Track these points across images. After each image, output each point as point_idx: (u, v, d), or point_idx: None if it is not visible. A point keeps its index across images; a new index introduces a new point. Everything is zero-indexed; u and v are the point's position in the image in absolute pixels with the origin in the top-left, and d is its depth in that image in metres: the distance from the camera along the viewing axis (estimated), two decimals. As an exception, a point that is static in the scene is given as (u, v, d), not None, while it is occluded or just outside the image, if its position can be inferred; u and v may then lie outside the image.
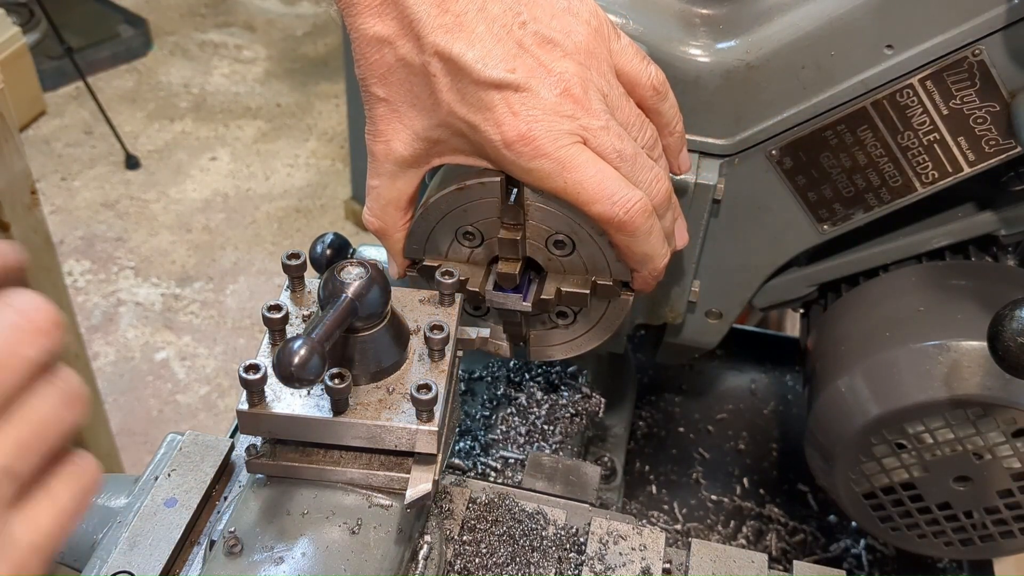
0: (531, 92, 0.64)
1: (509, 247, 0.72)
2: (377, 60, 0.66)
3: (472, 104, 0.64)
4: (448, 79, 0.64)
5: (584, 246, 0.72)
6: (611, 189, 0.65)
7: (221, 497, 0.75)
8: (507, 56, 0.64)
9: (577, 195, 0.66)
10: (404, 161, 0.70)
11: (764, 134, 0.78)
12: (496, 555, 0.71)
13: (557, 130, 0.64)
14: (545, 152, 0.64)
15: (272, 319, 0.64)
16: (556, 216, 0.70)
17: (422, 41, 0.64)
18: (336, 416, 0.62)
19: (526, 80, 0.64)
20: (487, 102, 0.64)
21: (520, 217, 0.71)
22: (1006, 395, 0.73)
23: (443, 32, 0.63)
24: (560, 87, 0.64)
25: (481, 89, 0.64)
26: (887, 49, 0.73)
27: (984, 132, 0.75)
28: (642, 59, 0.70)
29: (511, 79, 0.63)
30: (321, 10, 4.33)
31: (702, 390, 1.21)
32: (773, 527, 1.06)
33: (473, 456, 0.91)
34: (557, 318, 0.78)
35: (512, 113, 0.64)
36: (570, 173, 0.65)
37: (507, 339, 0.80)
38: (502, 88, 0.63)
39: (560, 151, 0.64)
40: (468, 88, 0.64)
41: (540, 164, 0.65)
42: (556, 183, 0.65)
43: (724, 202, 0.80)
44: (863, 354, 0.80)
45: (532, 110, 0.64)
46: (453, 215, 0.72)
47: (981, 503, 0.80)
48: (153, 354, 2.78)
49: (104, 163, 3.44)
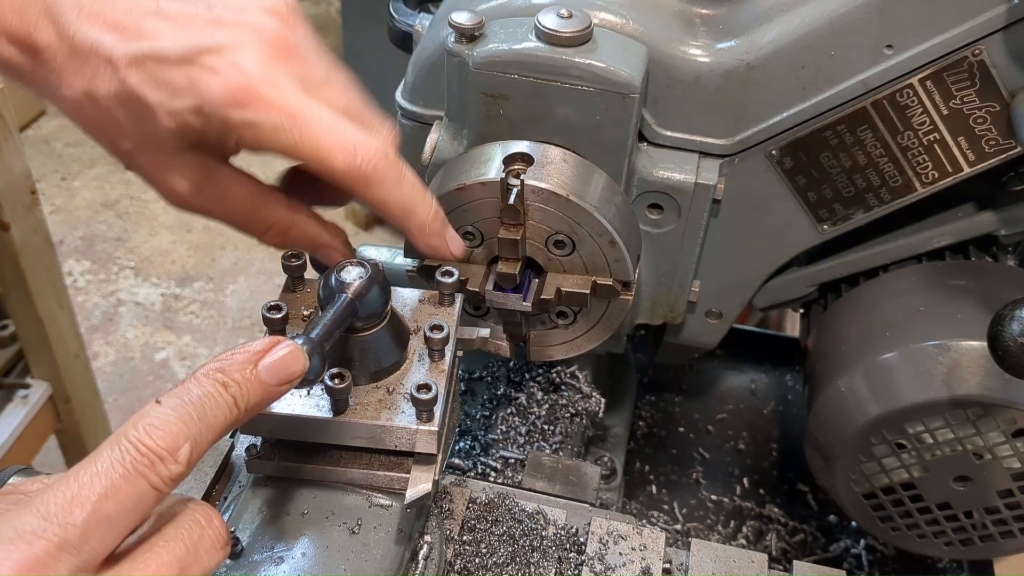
0: (233, 47, 0.58)
1: (509, 247, 0.72)
2: (94, 115, 0.62)
3: (178, 89, 0.58)
4: (148, 82, 0.58)
5: (584, 246, 0.72)
6: (352, 139, 0.60)
7: (221, 497, 0.75)
8: (202, 29, 0.59)
9: (315, 153, 0.60)
10: (196, 194, 0.65)
11: (764, 134, 0.78)
12: (496, 555, 0.71)
13: (274, 76, 0.58)
14: (269, 101, 0.58)
15: (272, 319, 0.64)
16: (556, 216, 0.70)
17: (113, 62, 0.58)
18: (336, 416, 0.62)
19: (227, 39, 0.58)
20: (190, 77, 0.58)
21: (520, 217, 0.71)
22: (1006, 395, 0.73)
23: (125, 42, 0.58)
24: (269, 40, 0.59)
25: (179, 68, 0.58)
26: (887, 49, 0.73)
27: (984, 132, 0.75)
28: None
29: (205, 43, 0.58)
30: (321, 10, 4.33)
31: (702, 390, 1.21)
32: (773, 527, 1.06)
33: (473, 456, 0.91)
34: (557, 318, 0.78)
35: (215, 73, 0.57)
36: (305, 128, 0.59)
37: (507, 339, 0.80)
38: (199, 55, 0.58)
39: (286, 101, 0.58)
40: (168, 75, 0.58)
41: (269, 118, 0.58)
42: (289, 141, 0.59)
43: (724, 202, 0.80)
44: (863, 354, 0.80)
45: (239, 62, 0.58)
46: (453, 215, 0.72)
47: (981, 503, 0.80)
48: (153, 354, 2.78)
49: (104, 163, 3.44)
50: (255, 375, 0.51)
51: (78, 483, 0.45)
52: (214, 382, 0.50)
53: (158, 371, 2.73)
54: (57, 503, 0.44)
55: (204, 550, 0.49)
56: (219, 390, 0.49)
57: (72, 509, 0.44)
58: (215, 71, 0.57)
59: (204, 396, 0.49)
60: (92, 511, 0.44)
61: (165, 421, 0.47)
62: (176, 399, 0.48)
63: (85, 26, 0.59)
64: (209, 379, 0.50)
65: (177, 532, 0.48)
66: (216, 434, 0.49)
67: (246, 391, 0.51)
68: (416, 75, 0.81)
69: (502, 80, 0.72)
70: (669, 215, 0.80)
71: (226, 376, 0.50)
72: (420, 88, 0.81)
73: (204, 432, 0.48)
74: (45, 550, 0.43)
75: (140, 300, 2.96)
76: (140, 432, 0.46)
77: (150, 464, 0.45)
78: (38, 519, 0.43)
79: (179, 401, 0.48)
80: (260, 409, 0.52)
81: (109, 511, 0.44)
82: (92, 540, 0.44)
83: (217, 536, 0.50)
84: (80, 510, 0.44)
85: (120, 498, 0.45)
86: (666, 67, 0.76)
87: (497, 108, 0.74)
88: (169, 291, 2.99)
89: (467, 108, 0.75)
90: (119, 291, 2.98)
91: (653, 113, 0.78)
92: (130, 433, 0.46)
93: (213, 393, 0.49)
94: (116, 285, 3.00)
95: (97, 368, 2.53)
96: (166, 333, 2.85)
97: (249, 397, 0.51)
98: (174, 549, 0.48)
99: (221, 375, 0.50)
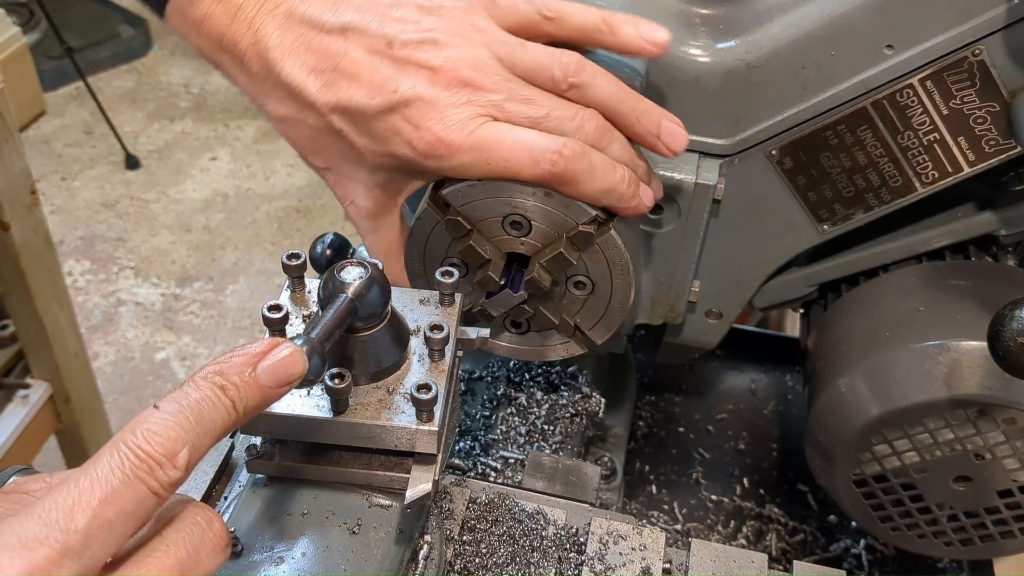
0: (421, 99, 0.65)
1: (472, 255, 0.73)
2: (297, 136, 0.70)
3: (381, 136, 0.67)
4: (352, 128, 0.67)
5: (535, 215, 0.71)
6: (530, 148, 0.65)
7: (221, 497, 0.75)
8: (388, 81, 0.65)
9: (506, 170, 0.66)
10: (373, 213, 0.73)
11: (764, 134, 0.78)
12: (496, 555, 0.71)
13: (458, 119, 0.64)
14: (458, 146, 0.65)
15: (272, 319, 0.64)
16: (489, 203, 0.70)
17: (317, 105, 0.67)
18: (336, 416, 0.62)
19: (412, 91, 0.65)
20: (391, 127, 0.66)
21: (462, 227, 0.71)
22: (1006, 395, 0.73)
23: (326, 89, 0.66)
24: (447, 79, 0.65)
25: (379, 120, 0.66)
26: (887, 49, 0.73)
27: (984, 132, 0.75)
28: (525, 3, 0.69)
29: (396, 99, 0.65)
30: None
31: (702, 390, 1.21)
32: (773, 527, 1.06)
33: (473, 456, 0.91)
34: (575, 289, 0.76)
35: (414, 127, 0.65)
36: (490, 154, 0.65)
37: (548, 330, 0.79)
38: (395, 110, 0.65)
39: (470, 138, 0.65)
40: (368, 125, 0.66)
41: (460, 160, 0.65)
42: (483, 170, 0.66)
43: (724, 202, 0.80)
44: (863, 354, 0.80)
45: (427, 115, 0.65)
46: (428, 253, 0.74)
47: (981, 503, 0.80)
48: (153, 354, 2.78)
49: (104, 163, 3.44)
50: (254, 378, 0.51)
51: (79, 489, 0.45)
52: (212, 385, 0.50)
53: (158, 371, 2.73)
54: (59, 509, 0.44)
55: (205, 552, 0.49)
56: (217, 394, 0.50)
57: (73, 515, 0.44)
58: (413, 125, 0.65)
59: (202, 400, 0.49)
60: (93, 517, 0.44)
61: (163, 426, 0.47)
62: (174, 404, 0.48)
63: (287, 65, 0.67)
64: (207, 383, 0.50)
65: (178, 535, 0.49)
66: (214, 438, 0.49)
67: (245, 394, 0.51)
68: (416, 75, 0.81)
69: (502, 80, 0.72)
70: (669, 215, 0.80)
71: (224, 379, 0.50)
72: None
73: (202, 436, 0.48)
74: (47, 557, 0.43)
75: (140, 300, 2.96)
76: (139, 438, 0.46)
77: (149, 470, 0.46)
78: (40, 525, 0.43)
79: (177, 406, 0.48)
80: (259, 411, 0.52)
81: (110, 516, 0.44)
82: (93, 546, 0.44)
83: (218, 538, 0.50)
84: (81, 516, 0.44)
85: (120, 504, 0.45)
86: (666, 67, 0.76)
87: (497, 108, 0.74)
88: (169, 291, 2.99)
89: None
90: (119, 291, 2.98)
91: (653, 113, 0.78)
92: (128, 439, 0.46)
93: (211, 397, 0.49)
94: (116, 285, 3.00)
95: (97, 368, 2.53)
96: (166, 333, 2.85)
97: (248, 400, 0.51)
98: (175, 552, 0.48)
99: (219, 378, 0.50)
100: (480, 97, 0.65)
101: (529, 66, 0.67)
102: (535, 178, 0.66)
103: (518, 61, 0.67)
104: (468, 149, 0.65)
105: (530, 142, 0.65)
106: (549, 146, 0.65)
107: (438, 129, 0.64)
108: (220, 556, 0.50)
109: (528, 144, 0.65)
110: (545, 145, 0.65)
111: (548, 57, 0.68)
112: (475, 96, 0.65)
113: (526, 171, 0.66)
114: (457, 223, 0.71)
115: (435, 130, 0.64)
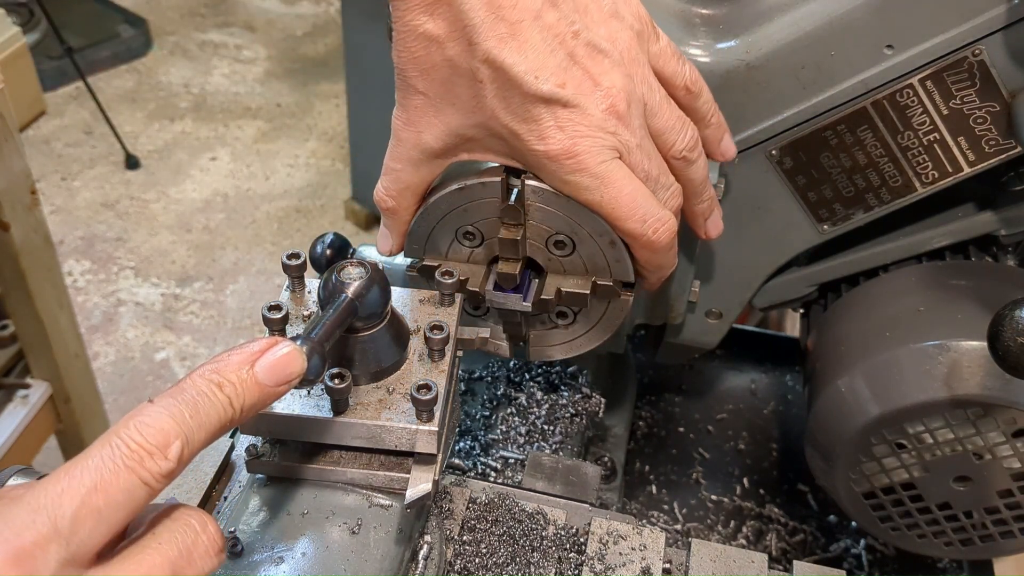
0: (578, 108, 0.64)
1: (509, 247, 0.72)
2: (422, 56, 0.65)
3: (518, 114, 0.65)
4: (495, 87, 0.64)
5: (584, 246, 0.72)
6: (644, 208, 0.67)
7: (221, 497, 0.75)
8: (558, 69, 0.64)
9: (612, 210, 0.67)
10: (432, 152, 0.70)
11: (764, 134, 0.78)
12: (496, 555, 0.71)
13: (600, 146, 0.65)
14: (586, 167, 0.65)
15: (272, 319, 0.64)
16: (556, 216, 0.70)
17: (475, 47, 0.63)
18: (336, 416, 0.62)
19: (575, 96, 0.64)
20: (534, 114, 0.64)
21: (520, 217, 0.71)
22: (1006, 395, 0.73)
23: (497, 41, 0.63)
24: (607, 102, 0.65)
25: (529, 102, 0.64)
26: (887, 49, 0.73)
27: (984, 132, 0.75)
28: (678, 60, 0.70)
29: (560, 94, 0.64)
30: (321, 10, 4.33)
31: (702, 390, 1.21)
32: (773, 527, 1.06)
33: (473, 456, 0.91)
34: (557, 318, 0.78)
35: (559, 128, 0.64)
36: (607, 188, 0.66)
37: (507, 339, 0.80)
38: (550, 103, 0.64)
39: (600, 166, 0.65)
40: (515, 98, 0.64)
41: (580, 178, 0.66)
42: (593, 196, 0.67)
43: (724, 202, 0.80)
44: (863, 354, 0.80)
45: (578, 126, 0.64)
46: (453, 215, 0.72)
47: (981, 503, 0.80)
48: (153, 354, 2.78)
49: (104, 163, 3.44)
50: (252, 375, 0.51)
51: (68, 476, 0.45)
52: (208, 382, 0.50)
53: (158, 371, 2.74)
54: (48, 495, 0.44)
55: (198, 554, 0.49)
56: (213, 390, 0.50)
57: (61, 501, 0.44)
58: (558, 126, 0.64)
59: (198, 395, 0.49)
60: (81, 503, 0.44)
61: (156, 419, 0.47)
62: (169, 399, 0.48)
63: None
64: (204, 379, 0.50)
65: (171, 535, 0.49)
66: (210, 434, 0.49)
67: (242, 391, 0.51)
68: (416, 75, 0.81)
69: (502, 80, 0.72)
70: (669, 215, 0.80)
71: (221, 376, 0.50)
72: (420, 88, 0.81)
73: (196, 431, 0.48)
74: (34, 540, 0.43)
75: (140, 300, 2.96)
76: (131, 429, 0.46)
77: (139, 459, 0.46)
78: (27, 511, 0.44)
79: (172, 400, 0.48)
80: (258, 410, 0.52)
81: (99, 504, 0.45)
82: (81, 532, 0.44)
83: (212, 541, 0.50)
84: (70, 502, 0.44)
85: (110, 492, 0.45)
86: (666, 67, 0.76)
87: (497, 108, 0.74)
88: (169, 291, 2.99)
89: (467, 108, 0.75)
90: (119, 291, 2.98)
91: (653, 113, 0.78)
92: (121, 431, 0.46)
93: (207, 392, 0.49)
94: (116, 285, 3.00)
95: (97, 368, 2.53)
96: (166, 333, 2.85)
97: (245, 397, 0.51)
98: (167, 551, 0.48)
99: (216, 375, 0.50)
100: (622, 133, 0.65)
101: (663, 126, 0.68)
102: (629, 232, 0.68)
103: (658, 115, 0.68)
104: (592, 176, 0.65)
105: (646, 201, 0.67)
106: (660, 216, 0.68)
107: (579, 144, 0.64)
108: (214, 560, 0.50)
109: (643, 202, 0.67)
110: (657, 213, 0.67)
111: (681, 124, 0.69)
112: (619, 130, 0.65)
113: (629, 223, 0.67)
114: (518, 211, 0.71)
115: (576, 143, 0.64)
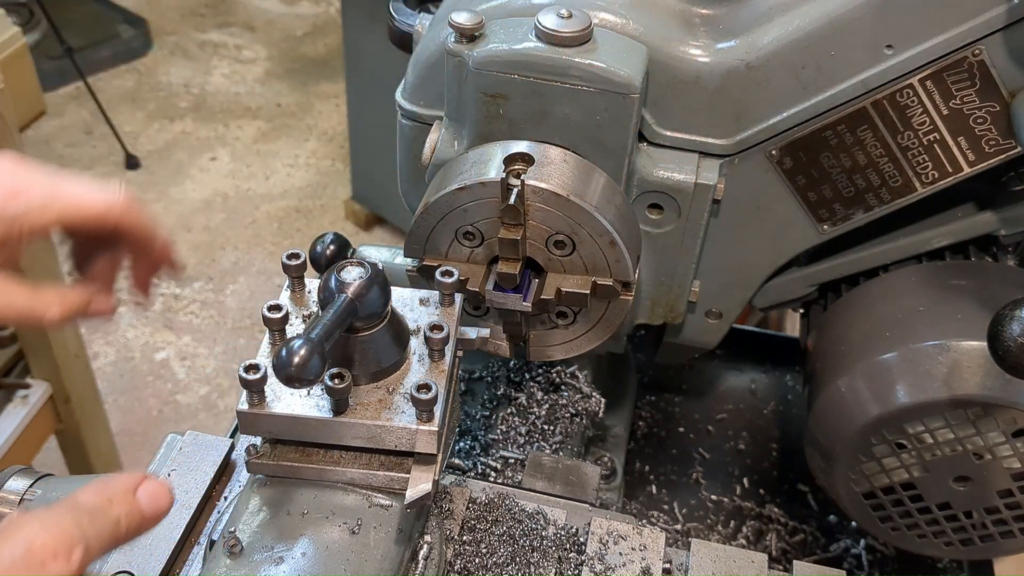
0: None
1: (509, 247, 0.72)
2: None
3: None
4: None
5: (584, 246, 0.72)
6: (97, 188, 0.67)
7: (221, 497, 0.75)
8: None
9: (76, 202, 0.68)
10: None
11: (764, 134, 0.78)
12: (496, 555, 0.71)
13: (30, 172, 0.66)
14: (34, 183, 0.66)
15: (272, 319, 0.64)
16: (556, 216, 0.70)
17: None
18: (336, 416, 0.62)
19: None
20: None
21: (520, 217, 0.71)
22: (1006, 395, 0.73)
23: None
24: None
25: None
26: (887, 49, 0.73)
27: (984, 132, 0.75)
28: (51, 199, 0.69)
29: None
30: (321, 10, 4.33)
31: (702, 390, 1.21)
32: (773, 527, 1.06)
33: (473, 456, 0.91)
34: (557, 318, 0.78)
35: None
36: (60, 189, 0.66)
37: (507, 339, 0.80)
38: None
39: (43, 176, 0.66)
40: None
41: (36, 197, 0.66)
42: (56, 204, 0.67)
43: (724, 202, 0.80)
44: (863, 354, 0.80)
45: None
46: (453, 215, 0.72)
47: (981, 503, 0.80)
48: (153, 354, 2.78)
49: (104, 163, 3.44)
50: (136, 500, 0.53)
51: None
52: (99, 497, 0.51)
53: (158, 371, 2.73)
54: None
55: None
56: (106, 506, 0.51)
57: None
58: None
59: (94, 508, 0.50)
60: None
61: (57, 523, 0.48)
62: (69, 504, 0.50)
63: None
64: (99, 496, 0.51)
65: None
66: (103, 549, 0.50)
67: (129, 512, 0.52)
68: (416, 75, 0.81)
69: (502, 80, 0.72)
70: (669, 215, 0.80)
71: (111, 493, 0.52)
72: (420, 88, 0.81)
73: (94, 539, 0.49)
74: None
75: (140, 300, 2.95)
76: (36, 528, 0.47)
77: (40, 563, 0.46)
78: None
79: (71, 507, 0.50)
80: (131, 538, 0.53)
81: None
82: None
83: None
84: None
85: None
86: (666, 67, 0.76)
87: (497, 108, 0.74)
88: (169, 291, 2.99)
89: (467, 108, 0.75)
90: (119, 291, 2.98)
91: (653, 113, 0.78)
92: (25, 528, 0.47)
93: (101, 507, 0.51)
94: (116, 285, 3.00)
95: (97, 368, 2.53)
96: (166, 333, 2.85)
97: (131, 519, 0.52)
98: None
99: (106, 492, 0.52)
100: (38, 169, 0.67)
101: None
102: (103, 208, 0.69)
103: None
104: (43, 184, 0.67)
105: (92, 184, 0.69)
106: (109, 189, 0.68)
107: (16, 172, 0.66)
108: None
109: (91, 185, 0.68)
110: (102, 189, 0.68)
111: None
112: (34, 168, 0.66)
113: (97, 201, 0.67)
114: (518, 211, 0.71)
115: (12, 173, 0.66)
